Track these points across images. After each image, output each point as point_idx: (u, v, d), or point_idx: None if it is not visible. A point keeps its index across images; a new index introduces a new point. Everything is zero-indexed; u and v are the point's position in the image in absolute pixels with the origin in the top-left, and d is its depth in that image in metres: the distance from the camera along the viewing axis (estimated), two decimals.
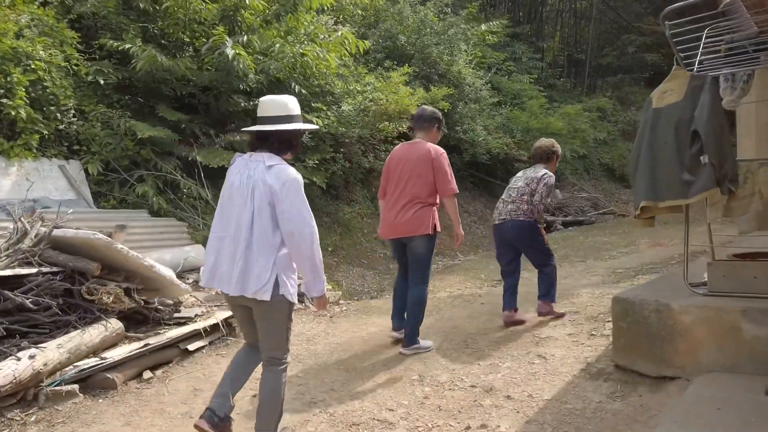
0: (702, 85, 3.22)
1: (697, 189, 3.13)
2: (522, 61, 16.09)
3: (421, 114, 4.30)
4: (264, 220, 2.52)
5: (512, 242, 4.63)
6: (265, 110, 2.66)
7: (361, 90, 7.99)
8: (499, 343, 4.29)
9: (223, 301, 4.93)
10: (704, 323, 3.01)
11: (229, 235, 2.60)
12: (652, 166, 3.37)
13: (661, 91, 3.47)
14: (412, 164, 4.04)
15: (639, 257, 7.61)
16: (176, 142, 6.68)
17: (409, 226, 3.98)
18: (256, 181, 2.54)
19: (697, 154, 3.17)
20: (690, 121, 3.22)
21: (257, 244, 2.52)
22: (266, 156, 2.59)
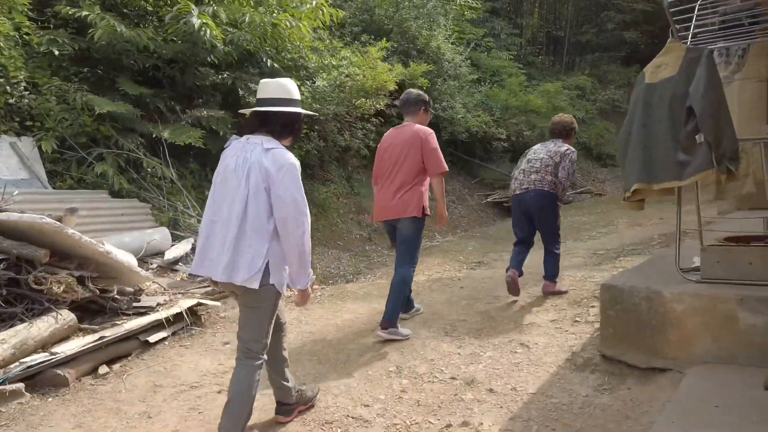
0: (698, 58, 3.01)
1: (692, 170, 2.93)
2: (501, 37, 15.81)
3: (407, 98, 4.26)
4: (259, 204, 2.42)
5: (532, 212, 4.61)
6: (267, 92, 2.57)
7: (336, 65, 7.64)
8: (479, 331, 4.10)
9: (188, 288, 4.65)
10: (698, 312, 2.85)
11: (221, 219, 2.49)
12: (646, 145, 3.16)
13: (655, 65, 3.25)
14: (400, 147, 4.04)
15: (619, 238, 7.51)
16: (139, 118, 6.29)
17: (398, 208, 4.00)
18: (252, 163, 2.44)
19: (692, 132, 2.97)
20: (685, 97, 3.01)
21: (250, 230, 2.42)
22: (264, 139, 2.50)
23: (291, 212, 2.39)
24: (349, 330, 4.34)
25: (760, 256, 2.88)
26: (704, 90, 2.83)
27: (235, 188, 2.46)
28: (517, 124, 11.98)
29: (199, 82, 6.84)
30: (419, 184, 4.01)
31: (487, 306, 4.69)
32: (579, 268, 5.59)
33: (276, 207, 2.41)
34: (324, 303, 5.07)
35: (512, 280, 4.55)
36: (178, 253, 5.19)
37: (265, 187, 2.41)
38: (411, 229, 4.01)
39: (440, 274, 6.05)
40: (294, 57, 7.62)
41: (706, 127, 2.79)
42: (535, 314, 4.33)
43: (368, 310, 4.83)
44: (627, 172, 3.27)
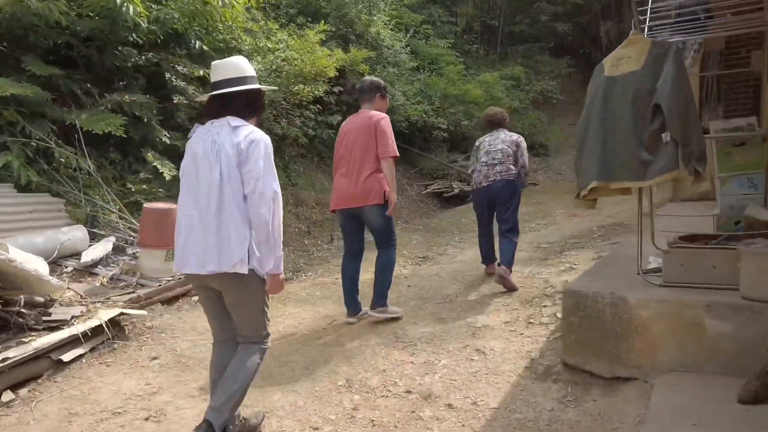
0: (665, 53, 2.88)
1: (657, 170, 2.81)
2: (437, 25, 15.65)
3: (361, 86, 4.28)
4: (234, 185, 2.33)
5: (499, 202, 4.80)
6: (220, 73, 2.47)
7: (272, 48, 7.17)
8: (432, 335, 3.89)
9: (109, 294, 4.17)
10: (664, 318, 2.74)
11: (199, 210, 2.38)
12: (605, 141, 3.02)
13: (616, 57, 3.10)
14: (356, 133, 4.03)
15: (559, 230, 7.53)
16: (49, 102, 5.62)
17: (360, 196, 3.95)
18: (221, 144, 2.36)
19: (658, 131, 2.84)
20: (650, 94, 2.88)
21: (229, 213, 2.32)
22: (230, 119, 2.43)
23: (260, 186, 2.30)
24: (293, 338, 4.02)
25: (724, 258, 2.79)
26: (672, 88, 2.71)
27: (208, 173, 2.36)
28: (455, 113, 11.89)
29: (120, 63, 6.21)
30: (379, 170, 3.98)
31: (438, 307, 4.50)
32: (525, 264, 5.50)
33: (245, 180, 2.32)
34: None
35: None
36: (98, 254, 4.66)
37: (237, 164, 2.33)
38: (379, 218, 3.99)
39: None
40: (226, 38, 7.10)
41: (674, 127, 2.66)
42: (487, 315, 4.17)
43: (312, 314, 4.52)
44: (583, 169, 3.12)
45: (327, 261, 6.70)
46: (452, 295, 4.78)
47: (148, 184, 6.11)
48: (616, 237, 6.24)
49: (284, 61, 7.07)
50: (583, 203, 3.24)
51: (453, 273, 5.47)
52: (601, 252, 5.47)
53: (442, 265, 5.89)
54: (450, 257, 6.29)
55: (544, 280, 4.79)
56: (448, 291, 4.91)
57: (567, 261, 5.33)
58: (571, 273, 4.86)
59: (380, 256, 4.13)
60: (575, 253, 5.64)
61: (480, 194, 4.93)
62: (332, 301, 4.88)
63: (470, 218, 9.10)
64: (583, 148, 3.15)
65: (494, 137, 4.97)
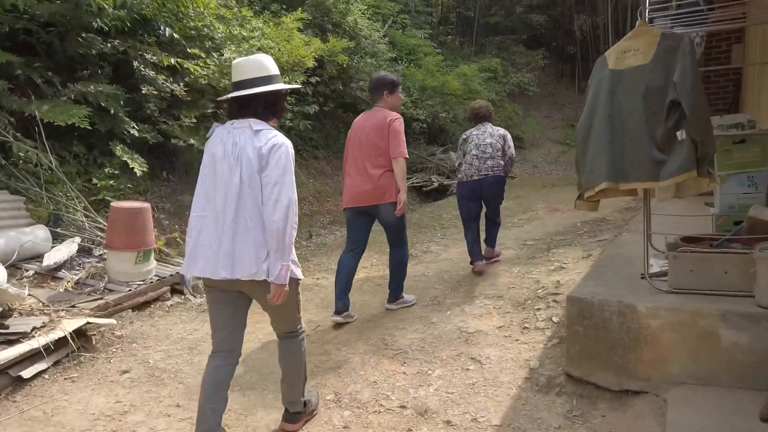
0: (677, 45, 2.71)
1: (672, 170, 2.65)
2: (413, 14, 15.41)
3: (374, 85, 4.23)
4: (254, 191, 2.29)
5: (489, 194, 4.99)
6: (241, 73, 2.42)
7: (247, 36, 6.84)
8: (422, 342, 3.70)
9: (74, 301, 3.86)
10: (675, 328, 2.59)
11: (214, 212, 2.33)
12: (613, 139, 2.85)
13: (621, 50, 2.93)
14: (368, 132, 4.01)
15: (542, 225, 7.42)
16: (7, 92, 5.21)
17: (374, 194, 3.96)
18: (242, 147, 2.32)
19: (673, 129, 2.68)
20: (663, 89, 2.72)
21: (249, 218, 2.28)
22: (252, 121, 2.38)
23: (276, 192, 2.26)
24: (273, 346, 3.73)
25: (736, 264, 2.66)
26: (692, 84, 2.54)
27: (228, 177, 2.31)
28: (433, 105, 11.69)
29: (84, 51, 5.81)
30: (392, 169, 4.00)
31: (426, 309, 4.31)
32: (513, 263, 5.35)
33: (264, 185, 2.29)
34: None
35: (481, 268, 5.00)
36: (61, 256, 4.32)
37: (259, 169, 2.30)
38: (394, 216, 4.01)
39: (368, 273, 5.59)
40: (198, 25, 6.73)
41: (696, 126, 2.51)
42: (478, 319, 4.00)
43: None
44: (589, 169, 2.94)
45: (306, 260, 6.44)
46: (440, 296, 4.59)
47: (115, 180, 5.76)
48: (602, 234, 6.14)
49: (260, 50, 6.74)
50: (586, 204, 3.08)
51: (439, 272, 5.29)
52: (590, 250, 5.35)
53: (427, 264, 5.70)
54: (434, 255, 6.10)
55: (535, 280, 4.64)
56: (435, 292, 4.72)
57: (556, 260, 5.19)
58: (562, 273, 4.72)
59: (393, 255, 4.22)
60: (563, 251, 5.51)
61: (470, 187, 5.00)
62: (315, 304, 4.65)
63: (451, 213, 8.93)
64: (587, 146, 2.98)
65: (481, 131, 5.08)
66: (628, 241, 4.16)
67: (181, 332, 3.96)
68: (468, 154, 4.99)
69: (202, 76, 6.57)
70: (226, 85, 6.91)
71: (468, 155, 4.99)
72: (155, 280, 4.39)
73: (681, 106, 2.64)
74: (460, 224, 8.33)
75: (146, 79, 6.11)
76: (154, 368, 3.41)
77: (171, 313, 4.27)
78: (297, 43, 6.86)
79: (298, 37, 6.98)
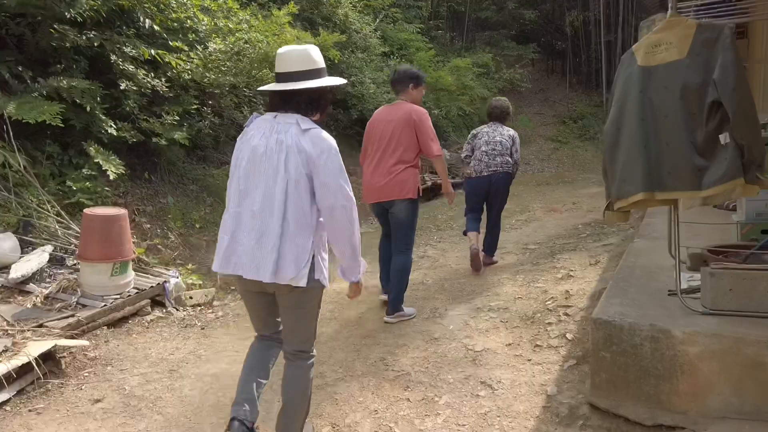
0: (716, 38, 2.43)
1: (717, 177, 2.37)
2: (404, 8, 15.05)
3: (394, 77, 4.20)
4: (301, 193, 2.19)
5: (495, 190, 5.04)
6: (286, 64, 2.28)
7: (234, 28, 6.46)
8: (426, 361, 3.40)
9: (41, 320, 3.50)
10: (716, 357, 2.31)
11: (251, 210, 2.21)
12: (647, 144, 2.57)
13: (651, 43, 2.64)
14: (392, 126, 3.92)
15: (542, 227, 7.15)
16: None
17: (392, 189, 3.88)
18: (289, 146, 2.19)
19: (715, 132, 2.40)
20: (702, 88, 2.44)
21: (294, 222, 2.18)
22: (299, 118, 2.25)
23: (339, 200, 2.18)
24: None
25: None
26: (736, 82, 2.26)
27: (271, 175, 2.19)
28: (425, 102, 11.35)
29: (57, 44, 5.40)
30: (415, 164, 3.96)
31: (427, 323, 4.01)
32: (516, 270, 5.06)
33: (322, 194, 2.19)
34: (229, 326, 4.11)
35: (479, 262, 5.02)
36: (30, 267, 3.96)
37: (307, 173, 2.18)
38: (407, 212, 3.93)
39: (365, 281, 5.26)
40: (180, 17, 6.34)
41: (742, 129, 2.23)
42: (485, 335, 3.71)
43: None
44: (620, 177, 2.67)
45: None
46: (441, 308, 4.29)
47: (92, 182, 5.37)
48: (607, 238, 5.88)
49: (247, 44, 6.38)
50: (616, 215, 2.79)
51: (439, 281, 4.99)
52: (596, 256, 5.09)
53: (425, 271, 5.40)
54: (432, 261, 5.80)
55: (542, 290, 4.36)
56: (436, 303, 4.42)
57: (562, 266, 4.91)
58: (570, 281, 4.45)
59: (396, 260, 4.02)
60: (568, 257, 5.24)
61: (479, 182, 5.06)
62: None
63: (446, 214, 8.65)
64: (616, 151, 2.69)
65: (493, 129, 5.15)
66: (644, 250, 3.89)
67: (162, 352, 3.62)
68: (477, 150, 5.06)
69: (186, 71, 6.20)
70: (211, 80, 6.54)
71: (477, 151, 5.05)
72: (133, 293, 4.04)
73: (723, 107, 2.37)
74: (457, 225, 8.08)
75: (125, 73, 5.72)
76: (130, 396, 3.07)
77: (151, 329, 3.93)
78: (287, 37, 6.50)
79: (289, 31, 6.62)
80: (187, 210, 6.47)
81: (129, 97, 5.79)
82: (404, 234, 4.02)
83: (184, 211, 6.38)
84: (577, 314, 3.78)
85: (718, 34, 2.40)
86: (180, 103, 6.30)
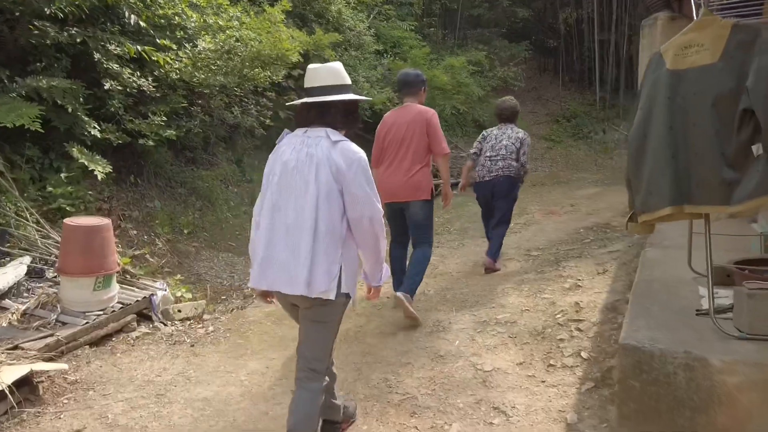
0: (753, 40, 2.24)
1: (748, 192, 2.19)
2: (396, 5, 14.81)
3: (406, 80, 4.18)
4: (332, 205, 2.23)
5: (497, 195, 5.08)
6: (317, 79, 2.36)
7: (224, 26, 6.20)
8: (432, 382, 3.18)
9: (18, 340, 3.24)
10: (758, 387, 2.12)
11: (284, 224, 2.25)
12: (675, 154, 2.38)
13: (681, 44, 2.43)
14: (405, 128, 4.00)
15: (542, 231, 6.97)
16: None
17: (408, 190, 3.98)
18: (320, 159, 2.24)
19: (747, 143, 2.20)
20: (735, 94, 2.24)
21: (325, 235, 2.22)
22: (329, 131, 2.31)
23: (367, 210, 2.24)
24: (259, 390, 3.22)
25: None
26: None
27: (302, 188, 2.23)
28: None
29: (37, 41, 5.13)
30: (427, 165, 4.05)
31: (431, 338, 3.79)
32: (521, 278, 4.86)
33: (350, 206, 2.24)
34: (220, 343, 3.86)
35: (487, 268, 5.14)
36: (7, 281, 3.69)
37: (337, 185, 2.22)
38: (424, 212, 4.05)
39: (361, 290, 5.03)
40: (168, 13, 6.07)
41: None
42: (493, 352, 3.50)
43: (282, 353, 3.71)
44: (646, 190, 2.47)
45: None
46: (444, 321, 4.08)
47: (74, 186, 5.11)
48: (612, 243, 5.69)
49: (238, 42, 6.12)
50: (640, 227, 2.59)
51: (440, 291, 4.78)
52: (603, 263, 4.90)
53: (426, 280, 5.12)
54: (431, 268, 5.54)
55: (550, 302, 4.15)
56: (438, 315, 4.20)
57: (568, 275, 4.71)
58: (579, 292, 4.25)
59: (417, 251, 4.10)
60: (574, 265, 5.04)
61: (483, 187, 5.16)
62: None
63: (443, 217, 8.45)
64: (642, 161, 2.50)
65: (502, 131, 5.18)
66: (658, 260, 3.70)
67: (148, 373, 3.37)
68: (482, 155, 5.15)
69: (174, 70, 5.94)
70: (201, 80, 6.29)
71: (482, 156, 5.15)
72: (118, 308, 3.79)
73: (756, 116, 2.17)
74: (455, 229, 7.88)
75: (109, 72, 5.44)
76: (113, 425, 2.82)
77: (136, 347, 3.68)
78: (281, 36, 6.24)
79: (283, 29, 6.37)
80: (175, 215, 6.22)
81: (113, 97, 5.53)
82: (424, 232, 4.13)
83: (172, 216, 6.13)
84: (590, 329, 3.58)
85: (755, 36, 2.21)
86: (167, 103, 6.05)
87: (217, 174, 7.45)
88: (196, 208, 6.66)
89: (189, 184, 6.88)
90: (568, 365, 3.20)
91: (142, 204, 5.98)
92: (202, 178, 7.13)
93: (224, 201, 7.09)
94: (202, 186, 7.03)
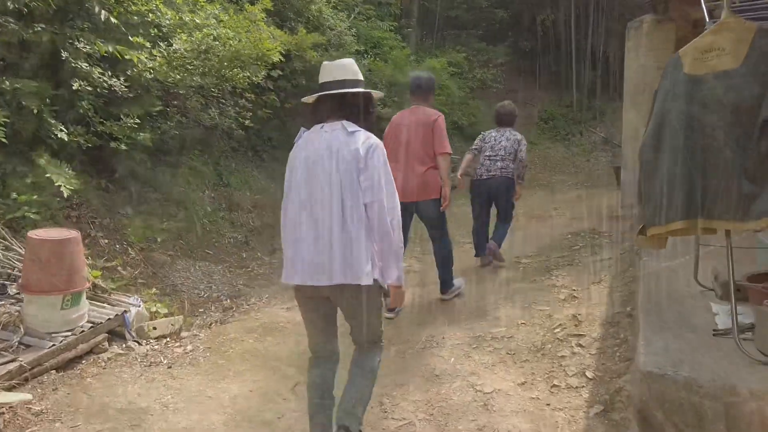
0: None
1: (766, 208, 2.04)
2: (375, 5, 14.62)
3: (418, 84, 4.34)
4: (355, 194, 2.25)
5: (494, 195, 5.24)
6: (334, 74, 2.38)
7: (201, 24, 5.91)
8: (430, 406, 2.99)
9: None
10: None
11: (312, 218, 2.28)
12: (691, 165, 2.22)
13: (701, 48, 2.29)
14: (414, 129, 4.15)
15: (529, 237, 6.84)
16: None
17: (419, 190, 4.11)
18: (339, 149, 2.27)
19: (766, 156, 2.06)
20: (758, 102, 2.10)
21: (352, 223, 2.24)
22: (345, 123, 2.33)
23: (379, 196, 2.25)
24: (244, 416, 2.98)
25: None
26: None
27: (326, 181, 2.27)
28: (402, 103, 10.96)
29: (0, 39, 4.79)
30: (435, 165, 4.16)
31: (424, 354, 3.62)
32: (512, 288, 4.71)
33: (364, 190, 2.26)
34: (200, 363, 3.60)
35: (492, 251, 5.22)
36: None
37: (356, 172, 2.26)
38: (435, 209, 4.20)
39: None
40: (141, 10, 5.76)
41: None
42: (492, 371, 3.32)
43: (266, 373, 3.48)
44: (659, 203, 2.32)
45: (271, 282, 5.63)
46: (437, 336, 3.90)
47: (40, 193, 4.77)
48: (602, 251, 5.59)
49: (216, 41, 5.84)
50: (650, 241, 2.44)
51: (430, 303, 4.59)
52: (596, 272, 4.79)
53: (413, 289, 4.98)
54: (420, 277, 5.39)
55: (547, 314, 4.00)
56: (431, 330, 4.02)
57: (562, 285, 4.58)
58: (575, 304, 4.11)
59: (439, 248, 4.36)
60: (566, 273, 4.91)
61: (480, 186, 5.29)
62: (288, 348, 3.86)
63: None
64: (655, 171, 2.34)
65: (500, 134, 5.35)
66: (659, 272, 3.57)
67: (122, 399, 3.09)
68: (482, 155, 5.29)
69: (147, 69, 5.62)
70: (176, 80, 5.98)
71: (482, 155, 5.29)
72: (87, 327, 3.50)
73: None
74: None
75: (78, 72, 5.11)
76: None
77: (108, 370, 3.39)
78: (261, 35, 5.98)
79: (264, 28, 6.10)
80: (150, 222, 5.90)
81: (83, 98, 5.20)
82: (439, 228, 4.33)
83: (146, 223, 5.81)
84: (591, 345, 3.43)
85: None
86: (141, 104, 5.72)
87: (192, 178, 7.13)
88: (172, 214, 6.35)
89: (163, 188, 6.56)
90: (572, 386, 3.04)
91: (113, 211, 5.65)
92: (177, 182, 6.81)
93: (201, 207, 6.78)
94: (177, 191, 6.71)
